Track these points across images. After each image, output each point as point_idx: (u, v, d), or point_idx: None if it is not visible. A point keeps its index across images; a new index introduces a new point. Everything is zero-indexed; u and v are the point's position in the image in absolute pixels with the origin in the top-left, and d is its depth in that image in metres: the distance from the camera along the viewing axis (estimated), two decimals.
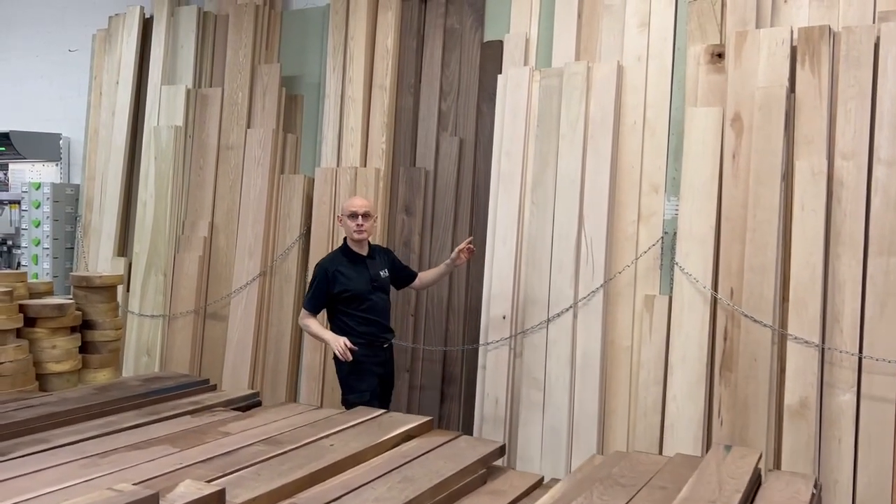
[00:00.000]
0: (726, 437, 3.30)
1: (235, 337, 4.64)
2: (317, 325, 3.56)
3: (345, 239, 3.63)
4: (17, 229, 6.05)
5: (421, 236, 4.34)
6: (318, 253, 4.34)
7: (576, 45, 3.93)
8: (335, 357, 3.49)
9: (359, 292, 3.49)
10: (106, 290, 3.29)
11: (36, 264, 5.62)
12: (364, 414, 2.83)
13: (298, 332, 4.53)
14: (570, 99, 3.79)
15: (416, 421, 2.74)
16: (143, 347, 4.80)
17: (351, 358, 3.39)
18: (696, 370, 3.39)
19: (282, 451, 2.34)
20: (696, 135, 3.49)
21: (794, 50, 3.32)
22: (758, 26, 3.45)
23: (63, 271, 5.63)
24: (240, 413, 2.84)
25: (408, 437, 2.64)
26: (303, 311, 3.61)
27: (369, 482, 2.17)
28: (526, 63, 4.06)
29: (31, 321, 3.00)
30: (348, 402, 3.43)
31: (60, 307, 3.04)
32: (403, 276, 3.79)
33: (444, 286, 4.26)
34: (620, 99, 3.75)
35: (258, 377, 4.59)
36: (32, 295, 3.28)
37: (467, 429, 4.06)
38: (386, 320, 3.63)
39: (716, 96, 3.51)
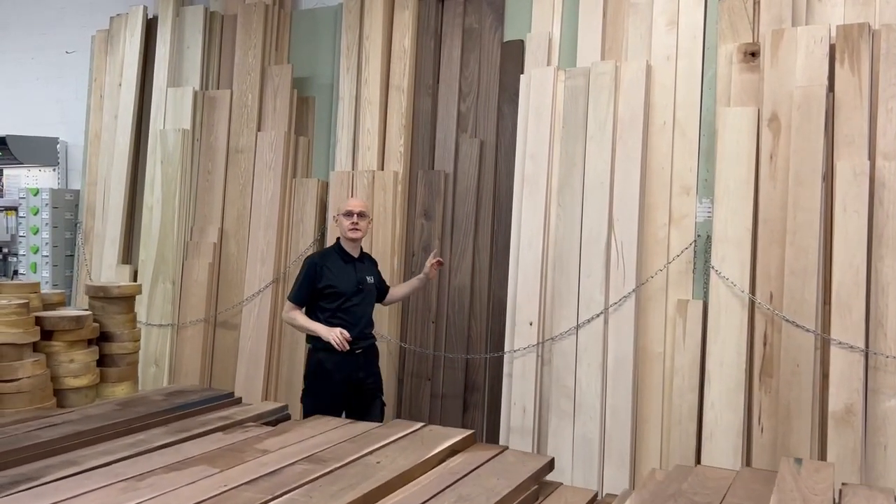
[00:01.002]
0: (768, 445, 3.21)
1: (248, 346, 4.49)
2: (304, 317, 3.48)
3: (338, 238, 3.60)
4: (13, 237, 5.87)
5: (441, 241, 4.23)
6: None
7: (601, 45, 3.84)
8: (308, 352, 3.49)
9: (342, 291, 3.44)
10: (124, 300, 3.14)
11: (34, 273, 5.45)
12: (404, 427, 2.71)
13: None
14: (598, 99, 3.70)
15: (459, 434, 2.63)
16: (151, 358, 4.64)
17: (348, 348, 3.32)
18: (735, 376, 3.30)
19: (327, 470, 2.22)
20: (731, 135, 3.41)
21: (832, 48, 3.24)
22: (793, 24, 3.37)
23: (63, 280, 5.46)
24: (272, 428, 2.71)
25: (452, 451, 2.53)
26: (287, 303, 3.55)
27: (425, 502, 2.05)
28: (549, 63, 3.97)
29: (47, 334, 2.85)
30: (305, 404, 3.43)
31: (78, 319, 2.90)
32: (379, 290, 3.70)
33: (465, 292, 4.15)
34: (649, 99, 3.67)
35: (272, 388, 4.46)
36: (46, 306, 3.14)
37: (492, 438, 3.96)
38: (363, 326, 3.50)
39: (749, 96, 3.44)
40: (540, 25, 4.03)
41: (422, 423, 2.80)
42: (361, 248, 3.64)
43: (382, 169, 4.34)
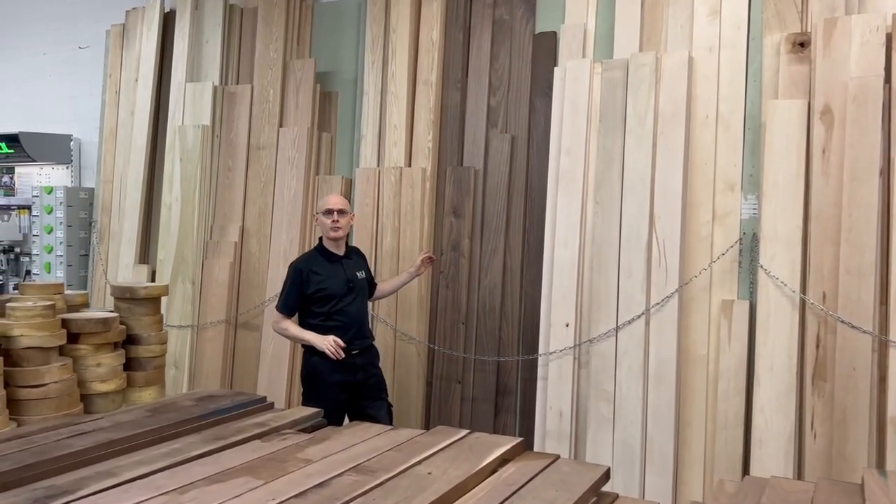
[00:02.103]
0: (821, 451, 3.08)
1: (270, 348, 4.37)
2: (295, 326, 3.40)
3: (320, 238, 3.50)
4: (26, 236, 5.76)
5: (471, 240, 4.10)
6: None
7: (639, 36, 3.71)
8: (303, 356, 3.42)
9: (334, 293, 3.35)
10: (150, 301, 3.02)
11: (48, 272, 5.33)
12: (449, 435, 2.58)
13: None
14: (638, 92, 3.57)
15: (508, 442, 2.50)
16: (170, 360, 4.51)
17: (343, 356, 3.24)
18: (786, 380, 3.17)
19: (378, 481, 2.09)
20: (779, 129, 3.28)
21: (888, 38, 3.11)
22: (845, 13, 3.24)
23: (78, 279, 5.34)
24: (310, 435, 2.58)
25: (503, 460, 2.40)
26: (276, 314, 3.45)
27: None
28: (584, 55, 3.84)
29: (72, 337, 2.73)
30: None
31: (105, 321, 2.77)
32: (370, 284, 3.61)
33: (496, 291, 4.02)
34: (692, 92, 3.53)
35: (295, 391, 4.33)
36: (69, 308, 3.01)
37: (526, 443, 3.81)
38: (359, 326, 3.42)
39: (798, 88, 3.30)
40: (574, 16, 3.90)
41: (467, 430, 2.67)
42: (347, 244, 3.55)
43: (410, 165, 4.21)
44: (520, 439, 2.56)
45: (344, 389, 3.35)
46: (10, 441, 2.29)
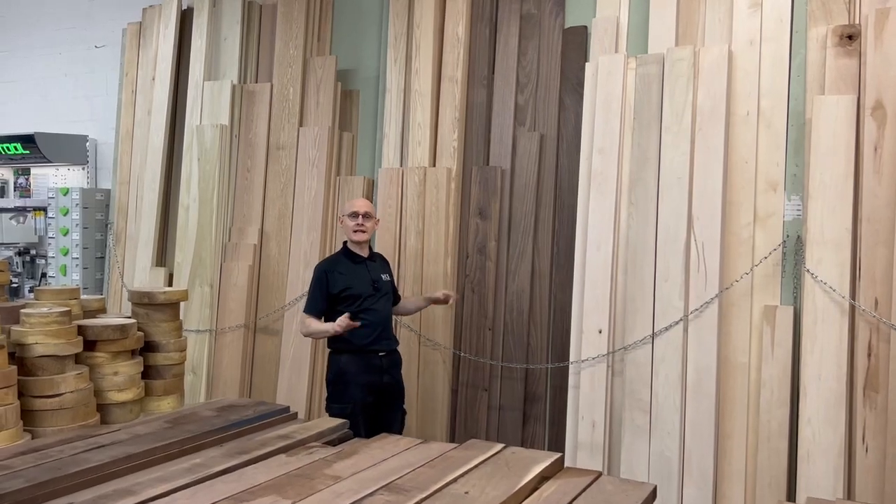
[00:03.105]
0: (874, 466, 2.91)
1: (290, 353, 4.25)
2: (316, 322, 3.38)
3: (345, 242, 3.52)
4: (41, 238, 5.67)
5: (497, 242, 3.96)
6: None
7: (675, 29, 3.55)
8: (329, 357, 3.42)
9: (359, 293, 3.35)
10: (169, 307, 2.89)
11: (64, 275, 5.24)
12: (483, 450, 2.44)
13: None
14: (675, 87, 3.42)
15: (547, 458, 2.36)
16: (188, 365, 4.34)
17: (358, 324, 3.24)
18: (835, 390, 3.00)
19: (413, 502, 1.96)
20: (826, 126, 3.12)
21: None
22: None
23: (94, 282, 5.24)
24: (337, 449, 2.45)
25: (542, 478, 2.26)
26: (303, 315, 3.45)
27: None
28: (616, 50, 3.69)
29: (89, 344, 2.61)
30: (330, 413, 3.28)
31: (122, 328, 2.65)
32: (393, 291, 3.60)
33: (524, 296, 3.88)
34: (731, 87, 3.38)
35: (317, 398, 4.20)
36: (86, 314, 2.90)
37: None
38: (384, 328, 3.41)
39: (847, 83, 3.14)
40: (606, 9, 3.75)
41: (502, 444, 2.53)
42: (371, 248, 3.56)
43: (434, 165, 4.07)
44: (558, 455, 2.42)
45: (371, 392, 3.34)
46: (25, 455, 2.17)
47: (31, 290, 5.73)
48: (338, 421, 2.75)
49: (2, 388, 2.26)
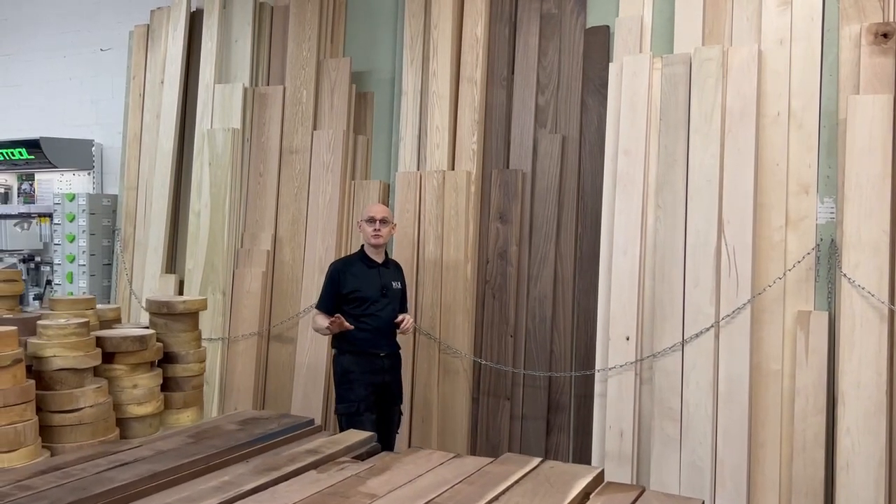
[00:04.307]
0: None
1: (305, 362, 4.15)
2: (322, 318, 3.44)
3: (362, 245, 3.55)
4: (47, 244, 5.57)
5: (518, 247, 3.87)
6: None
7: (701, 28, 3.47)
8: (333, 357, 3.49)
9: (367, 296, 3.41)
10: (188, 316, 2.80)
11: (71, 283, 5.13)
12: (520, 464, 2.35)
13: None
14: (703, 88, 3.34)
15: (588, 473, 2.27)
16: None
17: (351, 326, 3.32)
18: (875, 398, 2.92)
19: None
20: (861, 126, 3.04)
21: None
22: None
23: (101, 290, 5.14)
24: (369, 464, 2.36)
25: (585, 494, 2.17)
26: (314, 311, 3.58)
27: None
28: (640, 50, 3.60)
29: (107, 356, 2.51)
30: (338, 412, 3.41)
31: (142, 339, 2.55)
32: (403, 299, 3.61)
33: (546, 302, 3.79)
34: (761, 87, 3.29)
35: (332, 407, 4.09)
36: (102, 324, 2.80)
37: (583, 464, 3.58)
38: (387, 332, 3.46)
39: (882, 82, 3.06)
40: (629, 8, 3.67)
41: (539, 459, 2.44)
42: (387, 254, 3.60)
43: (453, 168, 3.98)
44: (599, 469, 2.33)
45: (373, 390, 3.42)
46: (46, 474, 2.08)
47: (35, 298, 5.62)
48: (365, 434, 2.66)
49: (21, 404, 2.16)
